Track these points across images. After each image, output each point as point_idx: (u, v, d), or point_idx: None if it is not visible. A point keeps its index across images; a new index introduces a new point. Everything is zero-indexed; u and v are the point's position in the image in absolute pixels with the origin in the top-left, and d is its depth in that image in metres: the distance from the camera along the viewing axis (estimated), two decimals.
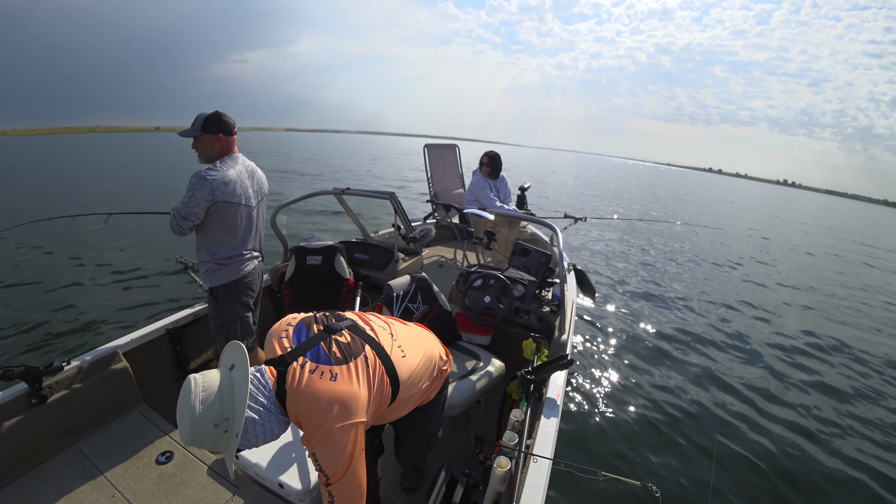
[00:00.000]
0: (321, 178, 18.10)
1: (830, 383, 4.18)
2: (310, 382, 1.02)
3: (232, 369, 1.01)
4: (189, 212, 1.84)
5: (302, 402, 1.01)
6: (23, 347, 3.74)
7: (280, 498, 1.55)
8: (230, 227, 1.95)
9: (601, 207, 16.04)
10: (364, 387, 1.07)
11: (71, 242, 6.70)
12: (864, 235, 20.33)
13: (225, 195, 1.86)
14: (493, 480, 1.42)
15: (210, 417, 0.92)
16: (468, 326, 2.66)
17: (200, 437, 0.92)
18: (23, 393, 1.67)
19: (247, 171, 2.00)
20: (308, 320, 1.19)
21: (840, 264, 11.12)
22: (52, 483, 1.58)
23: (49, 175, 15.94)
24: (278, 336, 1.14)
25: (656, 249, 9.49)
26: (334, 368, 1.06)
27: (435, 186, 4.77)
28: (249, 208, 2.00)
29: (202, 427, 0.92)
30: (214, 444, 0.95)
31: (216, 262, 1.97)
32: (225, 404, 0.95)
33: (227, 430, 0.94)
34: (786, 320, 5.85)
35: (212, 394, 0.94)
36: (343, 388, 1.03)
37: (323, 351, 1.09)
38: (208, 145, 1.89)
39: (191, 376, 0.97)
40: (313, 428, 1.01)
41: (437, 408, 1.49)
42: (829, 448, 3.17)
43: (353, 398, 1.03)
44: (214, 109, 1.91)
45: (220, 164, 1.89)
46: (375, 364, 1.13)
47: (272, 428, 1.02)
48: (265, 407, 1.01)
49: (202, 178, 1.82)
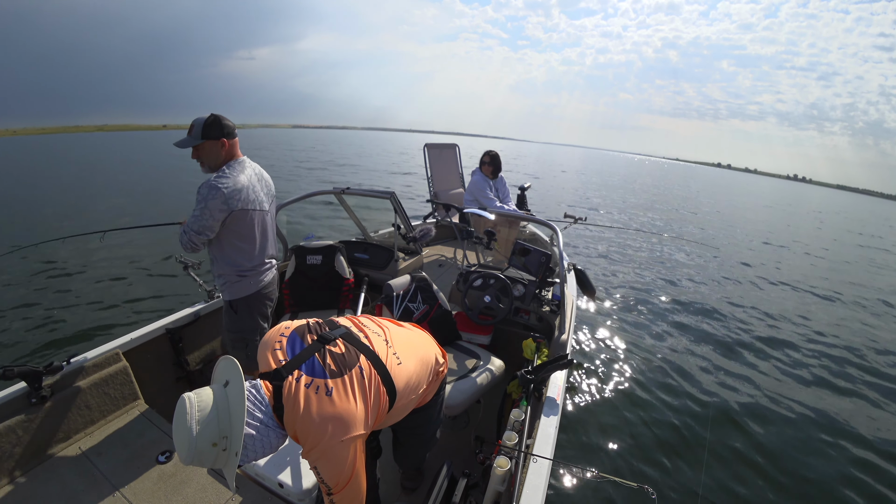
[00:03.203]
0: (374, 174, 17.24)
1: (835, 384, 4.19)
2: (306, 399, 1.01)
3: (226, 385, 0.99)
4: (203, 226, 1.72)
5: (298, 419, 1.01)
6: (23, 348, 3.74)
7: (280, 498, 1.55)
8: (248, 236, 1.86)
9: (615, 213, 15.82)
10: (360, 400, 1.06)
11: (74, 253, 6.54)
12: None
13: (240, 203, 1.76)
14: (493, 480, 1.42)
15: (208, 437, 0.91)
16: (468, 326, 2.66)
17: (199, 457, 0.91)
18: (23, 393, 1.67)
19: (255, 175, 1.91)
20: (301, 330, 1.17)
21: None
22: (52, 483, 1.59)
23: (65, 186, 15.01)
24: (272, 348, 1.12)
25: (657, 249, 9.49)
26: (329, 382, 1.05)
27: (435, 186, 4.77)
28: (263, 213, 1.92)
29: (201, 447, 0.90)
30: (214, 462, 0.94)
31: (237, 274, 1.89)
32: (222, 422, 0.93)
33: (227, 448, 0.93)
34: (788, 320, 5.85)
35: (208, 412, 0.92)
36: (339, 406, 1.03)
37: (318, 363, 1.08)
38: (212, 152, 1.76)
39: (185, 395, 0.95)
40: (312, 445, 1.01)
41: (435, 409, 1.49)
42: (830, 449, 3.18)
43: (348, 414, 1.03)
44: (210, 113, 1.76)
45: (228, 171, 1.76)
46: (371, 374, 1.12)
47: (271, 442, 1.01)
48: (262, 422, 0.99)
49: (213, 187, 1.69)
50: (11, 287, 5.10)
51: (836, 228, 19.49)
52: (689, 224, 14.19)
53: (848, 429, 3.45)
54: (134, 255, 6.37)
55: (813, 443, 3.23)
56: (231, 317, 1.98)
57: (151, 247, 6.71)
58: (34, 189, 12.57)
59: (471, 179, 4.11)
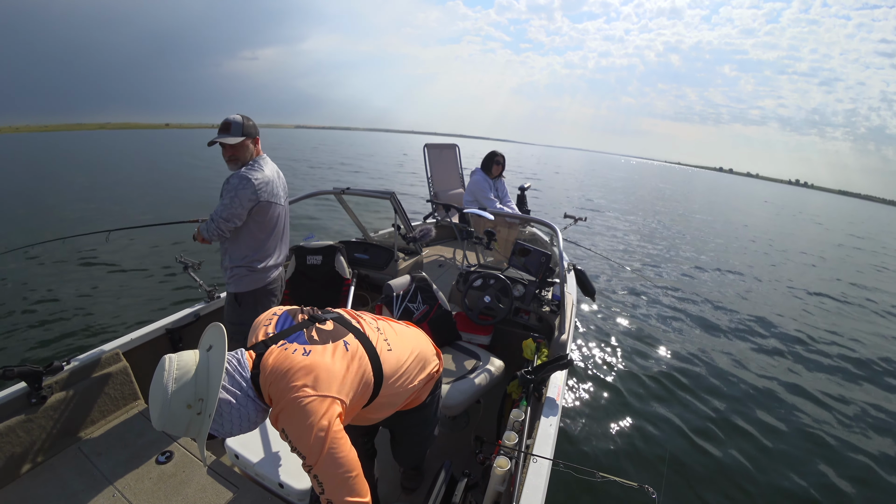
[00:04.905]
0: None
1: (840, 386, 4.18)
2: (280, 356, 1.00)
3: (209, 350, 0.98)
4: (232, 213, 1.85)
5: (269, 374, 0.98)
6: (22, 348, 3.74)
7: (280, 498, 1.55)
8: (268, 228, 1.99)
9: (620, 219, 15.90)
10: (341, 364, 1.03)
11: (74, 252, 6.53)
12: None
13: (267, 195, 1.90)
14: (493, 480, 1.42)
15: (183, 397, 0.90)
16: (468, 326, 2.66)
17: (172, 419, 0.89)
18: (23, 393, 1.67)
19: (275, 171, 2.04)
20: (293, 311, 1.18)
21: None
22: (52, 483, 1.58)
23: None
24: (262, 324, 1.13)
25: (657, 248, 9.48)
26: (308, 346, 1.03)
27: (435, 186, 4.77)
28: (282, 208, 2.06)
29: (174, 407, 0.89)
30: (187, 428, 0.92)
31: (247, 267, 1.98)
32: (199, 384, 0.92)
33: (201, 411, 0.91)
34: (789, 321, 5.84)
35: (186, 373, 0.92)
36: (314, 361, 0.99)
37: (302, 335, 1.07)
38: (248, 150, 1.91)
39: (166, 356, 0.94)
40: (278, 399, 0.96)
41: (431, 409, 1.48)
42: (827, 452, 3.18)
43: (324, 370, 0.99)
44: (238, 113, 1.90)
45: (256, 165, 1.91)
46: (357, 350, 1.11)
47: (249, 414, 0.99)
48: (242, 390, 0.97)
49: (244, 178, 1.83)
50: (16, 287, 5.10)
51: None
52: (689, 225, 14.19)
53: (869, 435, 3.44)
54: (138, 254, 6.37)
55: (820, 443, 3.22)
56: (235, 308, 2.04)
57: (151, 247, 6.70)
58: (33, 188, 12.57)
59: (471, 179, 4.10)
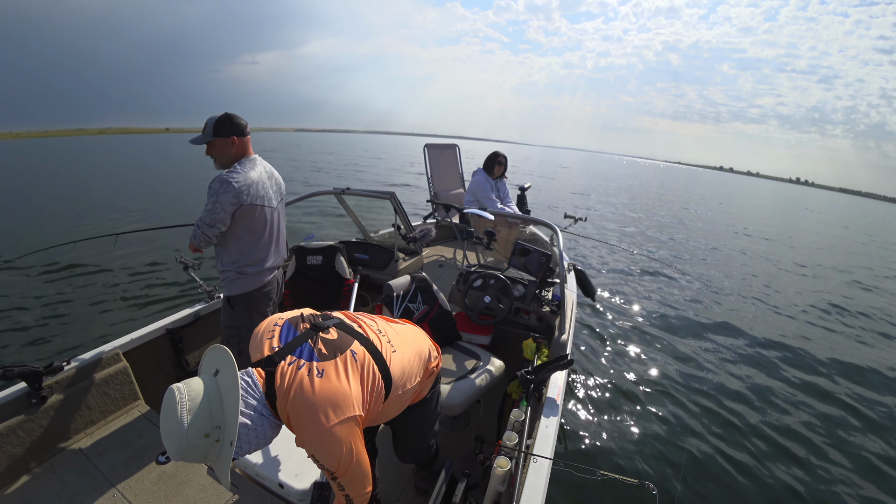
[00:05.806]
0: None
1: (847, 390, 4.18)
2: (298, 382, 0.99)
3: (217, 374, 0.95)
4: (215, 218, 1.79)
5: (290, 403, 0.98)
6: (21, 348, 3.74)
7: (280, 498, 1.55)
8: (254, 231, 1.91)
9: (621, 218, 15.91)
10: (353, 380, 1.04)
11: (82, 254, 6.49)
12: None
13: (250, 197, 1.82)
14: (493, 480, 1.42)
15: (200, 427, 0.86)
16: (468, 326, 2.66)
17: (191, 450, 0.86)
18: (23, 393, 1.67)
19: (266, 173, 1.97)
20: (295, 320, 1.17)
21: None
22: (53, 483, 1.58)
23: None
24: (265, 336, 1.11)
25: (657, 248, 9.48)
26: (320, 365, 1.03)
27: (435, 186, 4.77)
28: (272, 210, 1.98)
29: (192, 438, 0.85)
30: (206, 456, 0.89)
31: (237, 270, 1.93)
32: (214, 411, 0.88)
33: (220, 438, 0.88)
34: (791, 321, 5.84)
35: (199, 402, 0.88)
36: (331, 387, 1.00)
37: (308, 347, 1.07)
38: (223, 149, 1.83)
39: (173, 386, 0.89)
40: (305, 432, 0.98)
41: (431, 404, 1.48)
42: (828, 452, 3.18)
43: (341, 395, 1.00)
44: (224, 111, 1.84)
45: (239, 167, 1.84)
46: (364, 359, 1.11)
47: (265, 432, 0.98)
48: (256, 410, 0.96)
49: (224, 181, 1.76)
50: (23, 289, 5.10)
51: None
52: (691, 228, 14.19)
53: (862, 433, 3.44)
54: (140, 256, 6.37)
55: (819, 443, 3.22)
56: (228, 312, 2.02)
57: (151, 247, 6.70)
58: (33, 193, 12.57)
59: (472, 179, 4.11)
